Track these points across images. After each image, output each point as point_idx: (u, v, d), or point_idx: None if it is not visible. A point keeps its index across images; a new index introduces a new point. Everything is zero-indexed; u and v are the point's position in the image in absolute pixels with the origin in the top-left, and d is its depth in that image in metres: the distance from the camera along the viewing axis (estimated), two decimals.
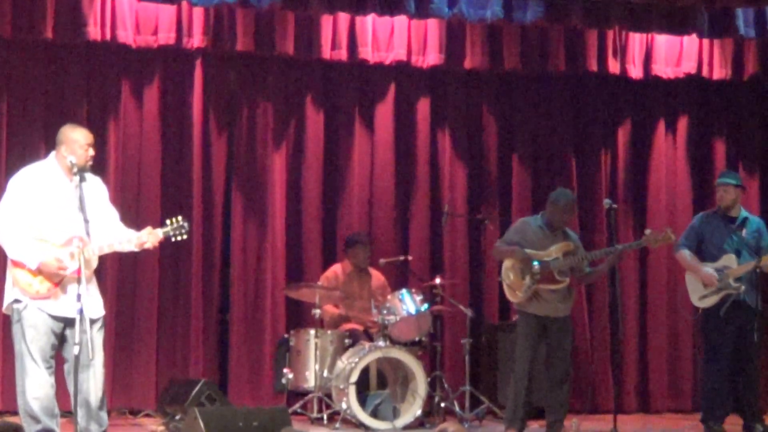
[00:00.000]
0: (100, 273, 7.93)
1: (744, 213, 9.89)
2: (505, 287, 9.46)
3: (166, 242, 7.89)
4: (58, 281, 7.52)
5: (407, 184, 11.39)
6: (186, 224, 7.80)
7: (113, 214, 7.93)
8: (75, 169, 7.56)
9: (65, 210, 7.57)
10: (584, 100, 11.81)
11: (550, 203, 9.40)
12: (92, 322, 7.47)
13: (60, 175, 7.69)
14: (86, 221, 7.45)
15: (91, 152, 7.73)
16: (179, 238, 7.82)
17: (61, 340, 7.61)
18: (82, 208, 7.47)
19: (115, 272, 10.44)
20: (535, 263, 9.21)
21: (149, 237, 7.70)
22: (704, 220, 9.90)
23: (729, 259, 9.62)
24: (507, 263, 9.41)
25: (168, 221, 7.81)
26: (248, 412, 7.91)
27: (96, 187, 7.83)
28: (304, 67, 11.12)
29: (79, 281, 7.29)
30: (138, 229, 7.74)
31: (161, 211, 10.54)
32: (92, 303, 7.56)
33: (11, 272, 7.60)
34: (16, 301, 7.55)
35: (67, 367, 7.56)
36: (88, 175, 7.73)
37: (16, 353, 7.65)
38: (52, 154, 7.77)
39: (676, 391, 11.66)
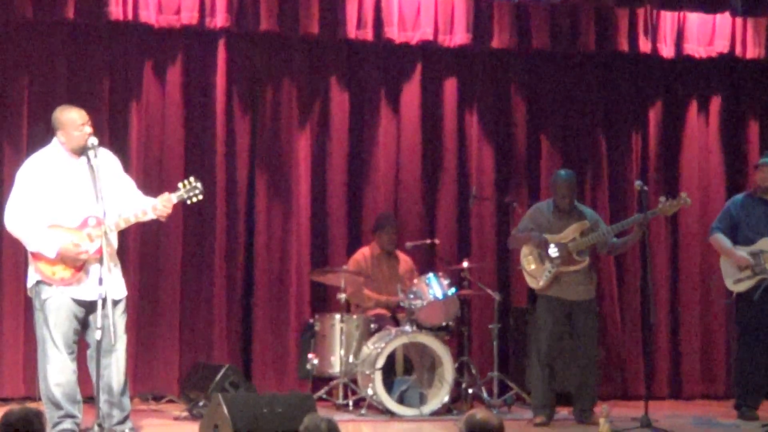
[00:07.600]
0: (121, 257, 7.83)
1: None
2: (525, 275, 9.47)
3: (184, 206, 7.83)
4: (80, 265, 7.44)
5: (434, 165, 11.25)
6: (199, 184, 7.74)
7: (129, 183, 7.86)
8: (93, 153, 7.48)
9: (77, 191, 7.51)
10: (614, 80, 11.64)
11: (550, 186, 9.48)
12: (115, 303, 7.38)
13: (66, 157, 7.62)
14: (101, 199, 7.36)
15: (87, 129, 7.61)
16: (194, 199, 7.77)
17: (83, 324, 7.57)
18: (95, 187, 7.38)
19: (137, 256, 10.34)
20: (553, 247, 9.17)
21: (162, 204, 7.62)
22: (740, 203, 9.88)
23: (765, 243, 9.57)
24: (525, 250, 9.42)
25: (180, 184, 7.76)
26: (272, 398, 7.84)
27: (107, 161, 7.76)
28: (328, 47, 10.97)
29: (101, 262, 7.22)
30: None
31: None
32: (114, 283, 7.49)
33: (33, 264, 7.54)
34: (39, 283, 7.50)
35: (90, 353, 7.51)
36: (98, 150, 7.63)
37: (38, 339, 7.63)
38: (55, 139, 7.67)
39: (708, 376, 11.51)
